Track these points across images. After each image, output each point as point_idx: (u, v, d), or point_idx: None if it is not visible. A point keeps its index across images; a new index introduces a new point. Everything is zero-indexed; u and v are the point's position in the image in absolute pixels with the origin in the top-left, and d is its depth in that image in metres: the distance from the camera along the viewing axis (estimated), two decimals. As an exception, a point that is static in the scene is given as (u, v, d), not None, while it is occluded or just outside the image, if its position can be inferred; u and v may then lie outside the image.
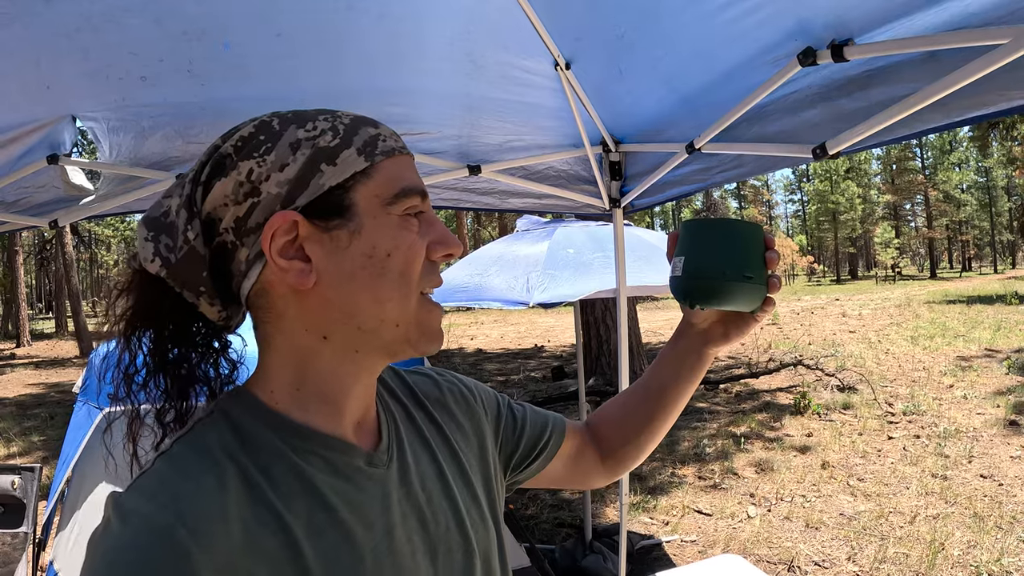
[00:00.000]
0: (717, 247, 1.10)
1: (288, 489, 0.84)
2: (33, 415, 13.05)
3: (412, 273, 0.90)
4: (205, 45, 2.00)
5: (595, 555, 5.11)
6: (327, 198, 0.87)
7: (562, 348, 20.11)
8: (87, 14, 1.77)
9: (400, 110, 2.57)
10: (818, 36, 1.82)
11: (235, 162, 0.87)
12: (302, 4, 1.89)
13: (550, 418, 1.32)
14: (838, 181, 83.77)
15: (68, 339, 32.04)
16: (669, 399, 1.30)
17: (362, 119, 0.92)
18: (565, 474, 1.34)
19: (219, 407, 0.90)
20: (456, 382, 1.24)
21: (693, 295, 1.12)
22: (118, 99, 2.29)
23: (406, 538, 0.93)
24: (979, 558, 5.12)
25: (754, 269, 1.09)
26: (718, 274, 1.08)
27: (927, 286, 46.61)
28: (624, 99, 2.63)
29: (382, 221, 0.89)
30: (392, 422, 1.04)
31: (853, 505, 6.36)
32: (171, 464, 0.81)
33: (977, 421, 8.84)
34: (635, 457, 1.36)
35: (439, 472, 1.05)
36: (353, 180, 0.88)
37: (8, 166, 2.54)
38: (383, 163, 0.90)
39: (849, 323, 22.26)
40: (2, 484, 4.18)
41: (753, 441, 8.58)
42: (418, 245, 0.91)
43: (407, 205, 0.90)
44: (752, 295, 1.10)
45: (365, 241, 0.87)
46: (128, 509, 0.74)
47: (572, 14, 2.03)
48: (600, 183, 3.21)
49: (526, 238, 5.06)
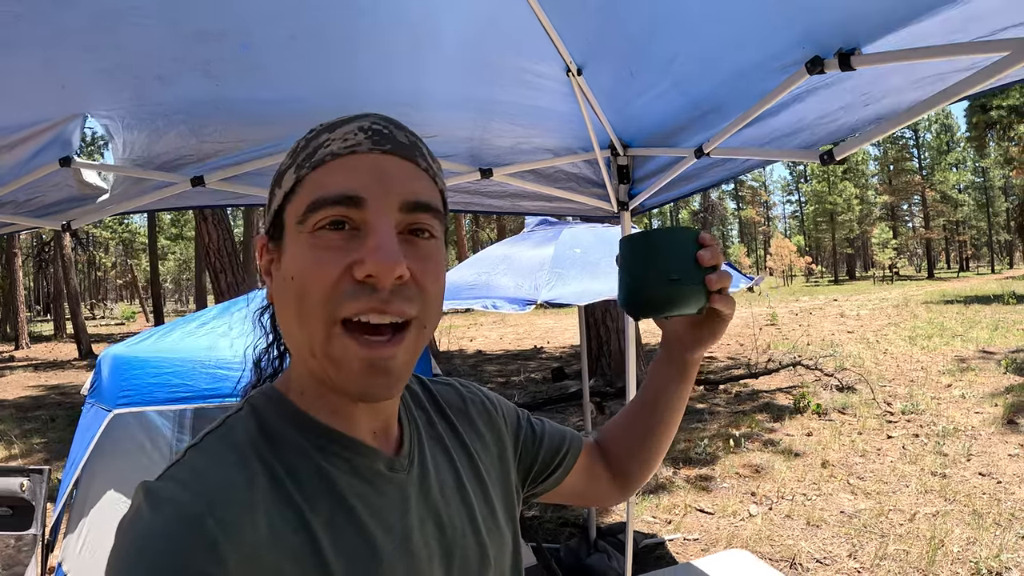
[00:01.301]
0: (641, 258, 1.10)
1: (311, 488, 0.85)
2: (34, 417, 13.05)
3: (312, 297, 0.82)
4: (223, 46, 2.02)
5: (599, 554, 5.14)
6: (274, 222, 0.90)
7: (561, 349, 20.14)
8: (102, 13, 1.78)
9: (412, 112, 2.57)
10: (825, 44, 1.85)
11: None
12: (317, 8, 1.91)
13: (568, 434, 1.32)
14: (836, 182, 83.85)
15: (67, 342, 32.00)
16: (664, 408, 1.31)
17: (328, 125, 0.90)
18: (580, 490, 1.34)
19: (249, 403, 0.92)
20: (478, 393, 1.24)
21: (632, 308, 1.12)
22: (133, 98, 2.30)
23: (423, 543, 0.93)
24: (978, 554, 5.17)
25: (680, 271, 1.07)
26: (645, 284, 1.09)
27: (925, 286, 46.71)
28: (633, 104, 2.66)
29: (294, 241, 0.85)
30: (414, 429, 1.05)
31: (853, 503, 6.40)
32: (202, 456, 0.83)
33: (975, 420, 8.89)
34: (643, 471, 1.37)
35: (457, 480, 1.05)
36: (285, 200, 0.88)
37: (20, 166, 2.55)
38: (309, 175, 0.86)
39: (847, 323, 22.30)
40: (10, 486, 4.20)
41: (753, 441, 8.62)
42: (322, 265, 0.82)
43: (318, 219, 0.83)
44: (686, 297, 1.08)
45: (284, 264, 0.87)
46: (160, 497, 0.76)
47: (584, 21, 2.05)
48: (609, 186, 3.24)
49: (531, 239, 5.08)
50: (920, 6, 1.56)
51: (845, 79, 2.02)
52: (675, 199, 3.31)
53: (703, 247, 1.08)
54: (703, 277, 1.07)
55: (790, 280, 75.97)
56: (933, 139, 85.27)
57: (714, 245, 1.09)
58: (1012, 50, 1.36)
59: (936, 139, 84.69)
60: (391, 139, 0.88)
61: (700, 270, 1.07)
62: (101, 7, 1.75)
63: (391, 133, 0.89)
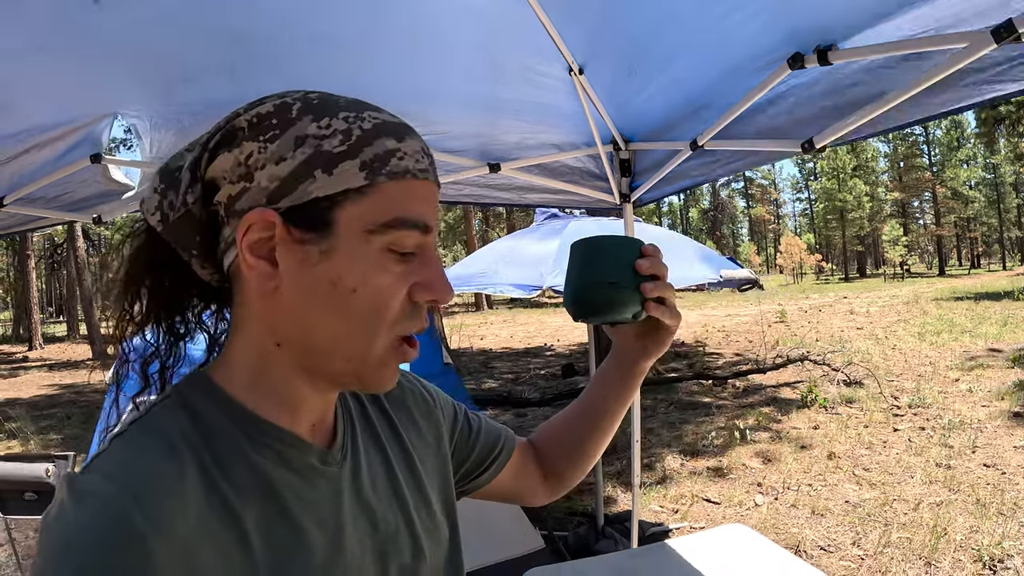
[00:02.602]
0: (586, 261, 1.13)
1: (241, 481, 0.82)
2: (49, 415, 13.17)
3: (379, 320, 0.83)
4: (250, 49, 2.14)
5: (607, 540, 5.22)
6: (310, 208, 0.81)
7: (571, 347, 20.17)
8: (136, 20, 1.87)
9: (425, 110, 2.70)
10: (805, 41, 1.97)
11: (240, 140, 0.82)
12: (337, 11, 2.01)
13: (502, 432, 1.32)
14: (845, 179, 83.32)
15: (80, 342, 32.11)
16: (604, 413, 1.32)
17: (389, 127, 0.85)
18: (510, 488, 1.34)
19: (177, 390, 0.88)
20: (416, 383, 1.23)
21: (574, 308, 1.15)
22: (162, 98, 2.40)
23: (356, 539, 0.92)
24: (980, 542, 5.22)
25: (618, 275, 1.10)
26: (584, 285, 1.12)
27: (935, 283, 46.39)
28: (633, 101, 2.78)
29: (357, 249, 0.81)
30: (348, 420, 1.02)
31: (858, 493, 6.46)
32: (128, 447, 0.79)
33: (982, 413, 8.91)
34: (575, 474, 1.39)
35: (390, 473, 1.04)
36: (344, 196, 0.80)
37: (52, 163, 2.67)
38: (385, 185, 0.81)
39: (857, 320, 22.22)
40: (36, 472, 4.31)
41: (760, 433, 8.68)
42: (393, 288, 0.82)
43: (394, 238, 0.82)
44: (623, 302, 1.10)
45: (333, 266, 0.81)
46: (84, 491, 0.72)
47: (585, 23, 2.16)
48: (611, 179, 3.35)
49: (538, 232, 5.16)
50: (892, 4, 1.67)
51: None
52: (675, 192, 3.42)
53: (643, 256, 1.11)
54: (639, 284, 1.10)
55: (800, 278, 75.69)
56: (943, 135, 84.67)
57: (655, 256, 1.11)
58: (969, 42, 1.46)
59: (946, 135, 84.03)
60: (434, 169, 0.90)
61: (638, 277, 1.10)
62: (138, 14, 1.85)
63: (433, 161, 0.90)
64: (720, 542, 2.87)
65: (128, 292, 0.91)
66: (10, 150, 2.52)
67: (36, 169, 2.69)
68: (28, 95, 2.24)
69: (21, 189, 2.75)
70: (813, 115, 2.29)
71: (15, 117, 2.34)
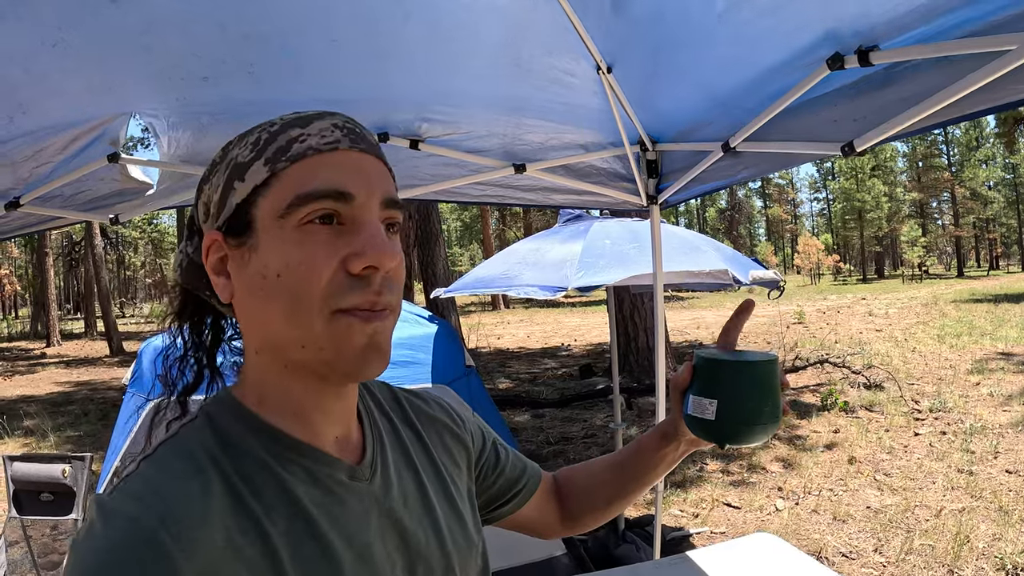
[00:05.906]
0: (750, 393, 1.12)
1: (269, 498, 0.83)
2: (66, 412, 13.25)
3: (309, 294, 0.82)
4: (268, 48, 2.10)
5: (628, 545, 5.19)
6: (236, 216, 0.87)
7: (589, 347, 20.14)
8: (153, 18, 1.85)
9: (449, 110, 2.65)
10: (846, 43, 1.92)
11: (202, 187, 0.94)
12: (359, 13, 1.97)
13: (528, 467, 1.33)
14: (864, 179, 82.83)
15: (97, 339, 32.37)
16: (642, 484, 1.34)
17: (299, 120, 0.89)
18: (526, 521, 1.35)
19: (204, 410, 0.90)
20: (448, 404, 1.23)
21: (730, 439, 1.14)
22: (180, 98, 2.37)
23: (385, 554, 0.92)
24: (1003, 550, 5.16)
25: (779, 405, 1.13)
26: (756, 420, 1.12)
27: (954, 285, 46.17)
28: (662, 101, 2.72)
29: (274, 236, 0.84)
30: (377, 437, 1.03)
31: (880, 499, 6.41)
32: (156, 467, 0.81)
33: (1003, 418, 8.84)
34: (594, 522, 1.40)
35: (421, 489, 1.04)
36: (254, 194, 0.86)
37: (68, 162, 2.64)
38: (288, 170, 0.85)
39: (876, 322, 22.13)
40: (53, 472, 4.33)
41: (780, 437, 8.61)
42: (313, 261, 0.82)
43: (304, 213, 0.83)
44: (775, 428, 1.14)
45: (259, 258, 0.85)
46: (112, 511, 0.74)
47: (614, 24, 2.11)
48: (638, 180, 3.30)
49: (561, 233, 5.12)
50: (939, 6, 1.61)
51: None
52: (703, 194, 3.37)
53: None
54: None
55: (818, 279, 75.29)
56: (962, 135, 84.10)
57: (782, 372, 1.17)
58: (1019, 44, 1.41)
59: (965, 135, 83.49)
60: (364, 139, 0.90)
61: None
62: (155, 12, 1.82)
63: (363, 133, 0.91)
64: (748, 552, 2.81)
65: (180, 334, 1.03)
66: (27, 149, 2.50)
67: (53, 169, 2.66)
68: (44, 94, 2.20)
69: (38, 188, 2.72)
70: (852, 117, 2.23)
71: (31, 116, 2.31)
